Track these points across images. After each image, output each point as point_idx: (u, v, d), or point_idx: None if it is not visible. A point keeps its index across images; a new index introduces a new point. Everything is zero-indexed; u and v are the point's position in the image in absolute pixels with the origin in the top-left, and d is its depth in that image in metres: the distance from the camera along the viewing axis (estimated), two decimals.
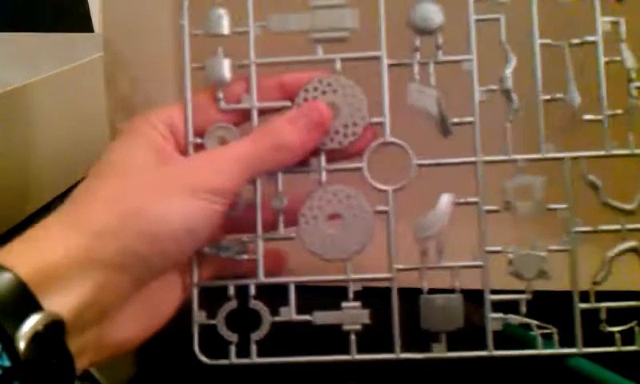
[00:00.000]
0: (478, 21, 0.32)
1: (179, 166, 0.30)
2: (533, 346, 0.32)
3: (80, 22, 0.35)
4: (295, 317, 0.32)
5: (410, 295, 0.32)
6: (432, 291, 0.32)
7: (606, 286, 0.32)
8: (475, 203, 0.32)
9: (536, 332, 0.32)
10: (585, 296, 0.32)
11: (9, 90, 0.36)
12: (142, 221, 0.28)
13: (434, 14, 0.32)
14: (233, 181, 0.30)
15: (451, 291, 0.32)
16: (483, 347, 0.32)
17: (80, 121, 0.52)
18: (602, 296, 0.32)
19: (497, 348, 0.32)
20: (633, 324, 0.32)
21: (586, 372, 0.33)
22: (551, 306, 0.31)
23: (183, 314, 0.32)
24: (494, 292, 0.32)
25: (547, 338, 0.32)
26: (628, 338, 0.32)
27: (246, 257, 0.32)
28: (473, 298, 0.32)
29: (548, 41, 0.32)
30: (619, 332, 0.32)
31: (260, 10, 0.33)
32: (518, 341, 0.33)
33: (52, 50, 0.46)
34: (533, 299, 0.32)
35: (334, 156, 0.33)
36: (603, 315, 0.32)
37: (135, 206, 0.28)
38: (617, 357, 0.32)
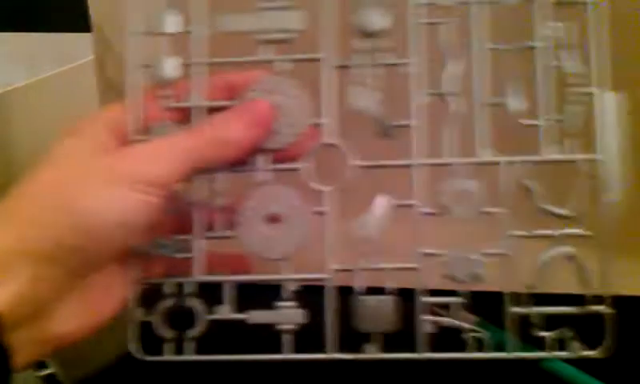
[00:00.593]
0: (420, 24, 0.33)
1: (114, 157, 0.30)
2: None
3: (80, 22, 0.35)
4: (230, 315, 0.33)
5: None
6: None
7: (543, 288, 0.32)
8: (411, 205, 0.32)
9: (467, 335, 0.32)
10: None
11: (9, 90, 0.37)
12: (74, 213, 0.28)
13: (377, 17, 0.33)
14: (170, 172, 0.30)
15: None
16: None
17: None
18: (539, 298, 0.32)
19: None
20: (564, 331, 0.32)
21: (562, 374, 0.33)
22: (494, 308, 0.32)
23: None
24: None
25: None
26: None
27: (182, 255, 0.33)
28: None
29: (491, 45, 0.33)
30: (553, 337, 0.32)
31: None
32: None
33: (52, 50, 0.47)
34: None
35: (275, 156, 0.33)
36: (535, 319, 0.32)
37: (68, 198, 0.28)
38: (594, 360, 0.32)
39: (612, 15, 0.32)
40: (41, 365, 0.37)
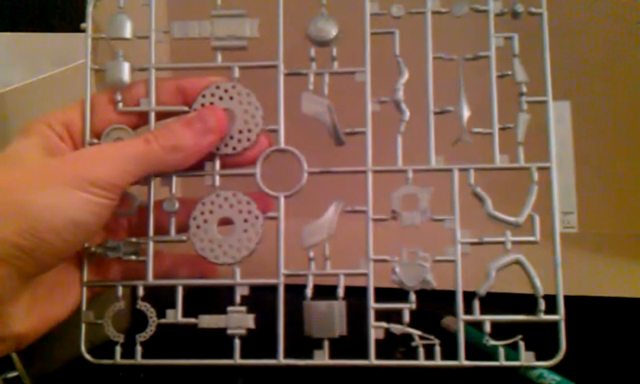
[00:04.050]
0: (372, 34, 0.33)
1: (65, 158, 0.30)
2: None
3: (79, 22, 0.35)
4: (181, 320, 0.32)
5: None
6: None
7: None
8: (363, 212, 0.32)
9: (418, 342, 0.32)
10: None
11: (7, 91, 0.36)
12: (22, 213, 0.27)
13: (330, 27, 0.33)
14: (120, 175, 0.30)
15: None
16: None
17: None
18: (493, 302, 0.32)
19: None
20: (518, 338, 0.32)
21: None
22: None
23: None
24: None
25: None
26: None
27: (134, 258, 0.33)
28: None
29: (441, 54, 0.33)
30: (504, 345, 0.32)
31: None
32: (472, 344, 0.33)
33: (51, 50, 0.46)
34: None
35: (229, 161, 0.33)
36: (487, 328, 0.32)
37: (16, 199, 0.28)
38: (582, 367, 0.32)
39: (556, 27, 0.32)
40: (7, 367, 0.36)
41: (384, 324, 0.32)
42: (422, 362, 0.32)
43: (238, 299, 0.32)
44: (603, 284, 0.41)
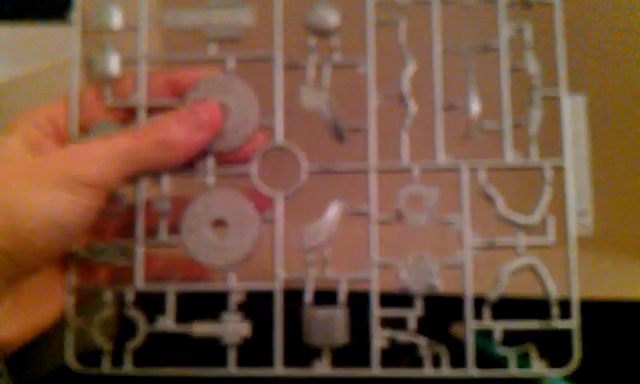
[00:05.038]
0: (376, 24, 0.31)
1: (49, 156, 0.29)
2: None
3: (69, 11, 0.34)
4: (172, 327, 0.31)
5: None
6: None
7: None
8: (366, 213, 0.31)
9: (425, 351, 0.30)
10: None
11: None
12: (3, 214, 0.26)
13: (331, 16, 0.31)
14: (107, 174, 0.28)
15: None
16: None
17: None
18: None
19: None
20: (528, 346, 0.30)
21: None
22: None
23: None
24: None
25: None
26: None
27: (123, 261, 0.31)
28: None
29: (449, 46, 0.31)
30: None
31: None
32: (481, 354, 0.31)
33: (39, 43, 0.45)
34: None
35: (223, 159, 0.31)
36: (498, 335, 0.30)
37: None
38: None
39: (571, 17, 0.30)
40: None
41: (388, 331, 0.30)
42: (428, 371, 0.30)
43: (233, 305, 0.31)
44: (619, 287, 0.39)
